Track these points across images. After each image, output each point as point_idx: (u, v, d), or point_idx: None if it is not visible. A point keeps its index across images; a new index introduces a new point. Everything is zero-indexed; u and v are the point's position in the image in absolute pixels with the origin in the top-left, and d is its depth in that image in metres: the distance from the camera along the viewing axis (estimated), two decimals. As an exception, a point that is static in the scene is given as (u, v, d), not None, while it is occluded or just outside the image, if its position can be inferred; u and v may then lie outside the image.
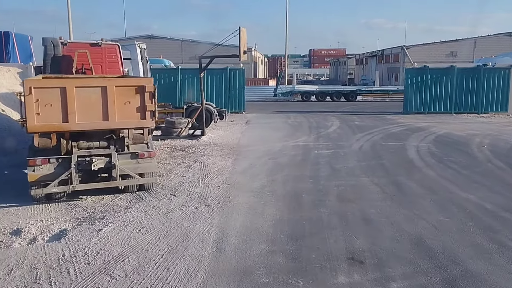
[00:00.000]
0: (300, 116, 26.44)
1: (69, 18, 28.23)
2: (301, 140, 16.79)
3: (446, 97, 26.69)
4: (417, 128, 20.39)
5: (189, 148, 15.13)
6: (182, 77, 27.35)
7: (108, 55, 13.99)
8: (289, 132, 19.13)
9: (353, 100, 40.58)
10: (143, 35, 56.42)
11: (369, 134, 18.21)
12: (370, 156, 13.59)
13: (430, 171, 11.58)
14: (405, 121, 23.04)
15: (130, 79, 9.43)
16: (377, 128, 20.26)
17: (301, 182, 10.36)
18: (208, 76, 27.17)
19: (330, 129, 19.92)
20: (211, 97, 27.15)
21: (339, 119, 24.24)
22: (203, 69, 17.62)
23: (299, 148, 15.02)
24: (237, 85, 27.42)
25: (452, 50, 54.58)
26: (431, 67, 27.05)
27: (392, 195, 9.29)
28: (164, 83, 27.29)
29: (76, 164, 8.69)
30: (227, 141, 16.61)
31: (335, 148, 15.05)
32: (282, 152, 14.25)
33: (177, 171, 11.57)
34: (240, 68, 27.57)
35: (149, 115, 9.01)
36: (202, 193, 9.42)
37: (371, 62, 71.02)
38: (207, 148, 15.04)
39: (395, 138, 17.33)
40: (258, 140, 16.88)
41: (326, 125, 21.42)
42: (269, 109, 31.36)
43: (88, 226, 7.47)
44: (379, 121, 23.49)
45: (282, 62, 65.82)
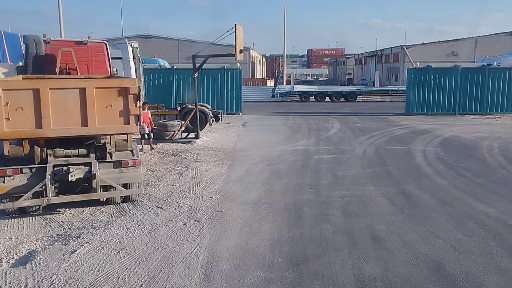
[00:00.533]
0: (299, 117, 25.56)
1: (60, 16, 27.29)
2: (300, 144, 15.91)
3: (450, 98, 25.84)
4: (421, 130, 19.52)
5: (182, 152, 14.24)
6: (177, 77, 26.45)
7: (95, 54, 13.11)
8: (288, 135, 18.25)
9: (353, 101, 39.72)
10: (139, 35, 55.50)
11: (372, 137, 17.33)
12: (375, 162, 12.72)
13: (440, 179, 10.70)
14: (408, 123, 22.18)
15: (112, 80, 8.55)
16: (379, 130, 19.39)
17: (302, 192, 9.48)
18: (204, 76, 26.30)
19: (331, 132, 19.04)
20: (207, 98, 26.29)
21: (339, 121, 23.37)
22: (197, 69, 16.72)
23: (299, 153, 14.13)
24: (234, 85, 26.54)
25: (453, 49, 53.77)
26: (434, 67, 26.21)
27: (402, 207, 8.41)
28: (158, 84, 26.42)
29: (51, 174, 7.81)
30: (223, 145, 15.73)
31: (337, 152, 14.16)
32: (281, 158, 13.36)
33: (167, 179, 10.68)
34: (237, 68, 26.69)
35: (133, 120, 8.12)
36: (193, 206, 8.53)
37: (370, 62, 70.18)
38: (200, 152, 14.15)
39: (399, 141, 16.47)
40: (255, 144, 15.99)
41: (326, 127, 20.55)
42: (267, 110, 30.47)
43: (60, 247, 6.57)
44: (381, 122, 22.62)
45: (280, 62, 64.95)
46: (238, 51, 15.63)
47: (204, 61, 16.53)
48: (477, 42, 53.86)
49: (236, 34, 15.41)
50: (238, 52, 15.67)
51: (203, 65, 16.74)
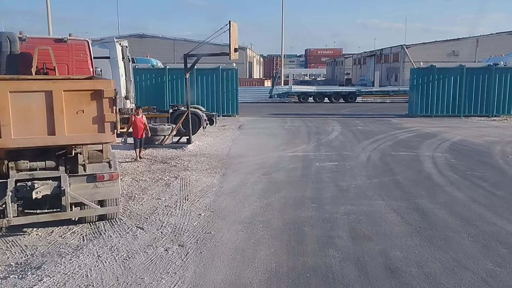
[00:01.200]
0: (297, 119, 24.51)
1: (48, 15, 26.18)
2: (300, 149, 14.85)
3: (455, 99, 24.81)
4: (427, 134, 18.48)
5: (172, 159, 13.16)
6: (170, 78, 25.37)
7: (76, 52, 12.04)
8: (286, 139, 17.18)
9: (353, 102, 38.71)
10: (134, 34, 54.38)
11: (375, 142, 16.28)
12: (381, 170, 11.66)
13: (456, 191, 9.64)
14: (412, 126, 21.14)
15: (83, 82, 7.45)
16: (383, 134, 18.34)
17: (302, 208, 8.41)
18: (198, 76, 25.24)
19: (332, 135, 17.98)
20: (201, 99, 25.22)
21: (340, 123, 22.32)
22: (189, 69, 15.65)
23: (298, 160, 13.07)
24: (229, 86, 25.47)
25: (454, 49, 52.78)
26: (438, 66, 25.20)
27: (417, 227, 7.35)
28: (151, 84, 25.33)
29: (13, 190, 6.73)
30: (216, 150, 14.65)
31: (339, 159, 13.10)
32: (279, 165, 12.29)
33: (152, 191, 9.60)
34: (233, 68, 25.62)
35: (109, 128, 7.03)
36: (178, 225, 7.45)
37: (369, 62, 69.17)
38: (192, 159, 13.07)
39: (405, 146, 15.41)
40: (251, 149, 14.92)
41: (326, 130, 19.48)
42: (264, 112, 29.41)
43: (15, 282, 5.49)
44: (384, 125, 21.58)
45: (278, 62, 63.92)
46: (232, 49, 14.57)
47: (196, 61, 15.47)
48: (478, 41, 52.90)
49: (231, 32, 14.35)
50: (233, 50, 14.61)
51: (196, 65, 15.70)
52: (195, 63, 15.57)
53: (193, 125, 17.98)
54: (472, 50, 52.29)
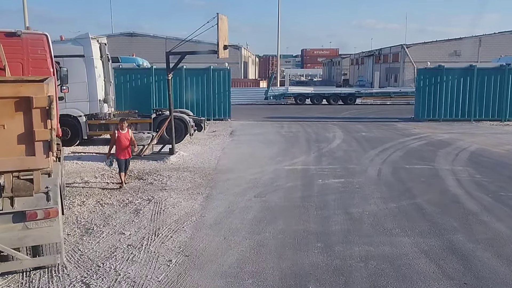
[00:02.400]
0: (295, 124, 22.59)
1: (24, 12, 24.14)
2: (298, 161, 12.93)
3: (464, 102, 22.96)
4: (440, 141, 16.61)
5: (149, 174, 11.23)
6: (157, 78, 23.36)
7: (32, 49, 10.06)
8: (283, 147, 15.26)
9: (352, 104, 36.83)
10: (124, 33, 52.29)
11: (383, 152, 14.39)
12: (397, 190, 9.76)
13: (495, 221, 7.74)
14: (420, 131, 19.26)
15: (2, 86, 5.49)
16: (390, 141, 16.44)
17: (305, 249, 6.48)
18: (187, 77, 23.33)
19: (334, 143, 16.07)
20: (191, 102, 23.27)
21: (341, 128, 20.42)
22: (171, 69, 13.71)
23: (297, 175, 11.15)
24: (221, 87, 23.52)
25: (456, 49, 50.99)
26: (448, 67, 23.34)
27: (462, 283, 5.45)
28: (136, 86, 23.34)
29: None
30: (202, 162, 12.71)
31: (345, 174, 11.19)
32: (274, 183, 10.36)
33: (116, 222, 7.67)
34: (225, 68, 23.67)
35: (41, 149, 5.12)
36: (137, 280, 5.52)
37: (367, 62, 67.33)
38: (173, 175, 11.13)
39: (418, 157, 13.53)
40: (243, 160, 12.99)
41: (327, 137, 17.57)
42: (259, 115, 27.48)
43: None
44: (389, 131, 19.70)
45: (274, 62, 62.04)
46: (221, 46, 12.65)
47: (181, 59, 13.53)
48: (481, 41, 51.14)
49: (219, 26, 12.43)
50: (222, 47, 12.69)
51: (185, 65, 13.75)
52: (179, 62, 13.64)
53: (179, 132, 16.07)
54: (474, 50, 50.55)
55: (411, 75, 51.61)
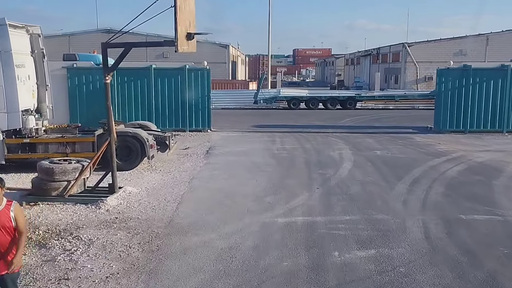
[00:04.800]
0: (289, 136, 18.41)
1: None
2: (298, 205, 8.71)
3: (495, 109, 18.89)
4: (483, 165, 12.53)
5: (61, 237, 6.98)
6: (121, 80, 19.06)
7: None
8: (274, 178, 11.03)
9: (352, 108, 32.79)
10: (101, 29, 47.82)
11: (416, 185, 10.23)
12: (471, 279, 5.59)
13: None
14: (449, 149, 15.16)
15: None
16: (418, 166, 12.30)
17: None
18: (157, 79, 19.09)
19: (343, 169, 11.88)
20: (161, 110, 19.07)
21: (347, 143, 16.27)
22: (110, 68, 9.45)
23: (298, 240, 6.94)
24: (199, 91, 19.23)
25: (461, 48, 47.10)
26: (476, 67, 19.22)
27: None
28: (95, 90, 19.00)
29: None
30: (154, 209, 8.46)
31: (375, 237, 7.00)
32: (261, 260, 6.13)
33: None
34: (204, 68, 19.38)
35: None
36: None
37: (364, 62, 63.36)
38: (98, 238, 6.89)
39: (470, 196, 9.38)
40: (216, 205, 8.75)
41: (332, 159, 13.41)
42: (247, 122, 23.29)
43: None
44: (409, 147, 15.58)
45: (265, 61, 57.78)
46: (181, 34, 8.41)
47: (123, 55, 9.26)
48: (488, 39, 47.29)
49: (178, 5, 8.20)
50: (182, 36, 8.45)
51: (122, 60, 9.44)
52: (123, 58, 9.33)
53: (133, 154, 11.84)
54: (481, 49, 46.73)
55: (413, 76, 47.76)
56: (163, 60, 44.62)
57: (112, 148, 9.26)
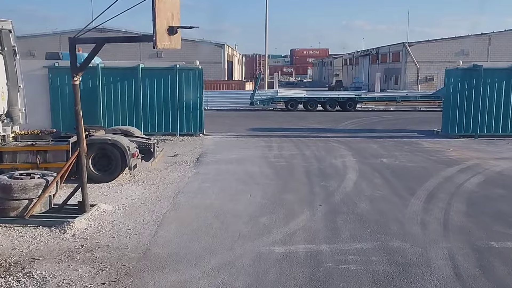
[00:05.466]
0: (287, 141, 17.14)
1: None
2: (298, 228, 7.43)
3: (507, 112, 17.68)
4: (503, 176, 11.30)
5: (11, 272, 5.71)
6: (106, 81, 17.77)
7: None
8: (271, 192, 9.74)
9: (352, 110, 31.57)
10: (92, 28, 46.31)
11: (432, 201, 8.97)
12: None
13: None
14: (461, 156, 13.93)
15: None
16: (430, 176, 11.05)
17: None
18: (145, 79, 17.79)
19: (348, 181, 10.61)
20: (150, 113, 17.78)
21: (350, 150, 15.03)
22: (80, 67, 8.13)
23: (299, 275, 5.66)
24: (191, 93, 17.92)
25: (463, 48, 45.92)
26: (486, 67, 17.99)
27: None
28: (78, 90, 17.61)
29: None
30: (129, 233, 7.16)
31: (393, 271, 5.73)
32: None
33: None
34: (195, 68, 18.07)
35: None
36: None
37: (362, 62, 62.17)
38: (53, 276, 5.62)
39: (497, 216, 8.13)
40: (202, 228, 7.46)
41: (335, 167, 12.15)
42: (242, 125, 22.07)
43: None
44: (417, 154, 14.33)
45: (261, 61, 56.47)
46: (162, 29, 7.13)
47: (94, 53, 7.97)
48: (490, 39, 46.14)
49: None
50: (163, 30, 7.17)
51: (95, 55, 8.15)
52: (93, 56, 8.02)
53: (112, 164, 10.54)
54: (483, 49, 45.58)
55: (414, 77, 46.59)
56: (157, 60, 43.33)
57: (81, 160, 7.96)
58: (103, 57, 29.56)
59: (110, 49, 38.91)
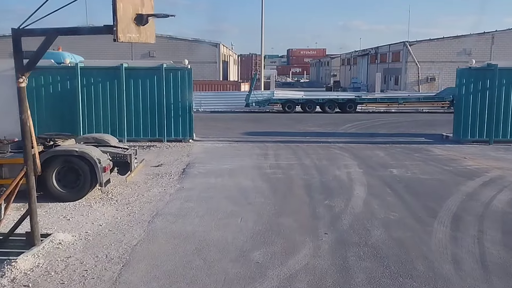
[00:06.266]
0: (284, 147, 15.65)
1: None
2: (299, 268, 5.89)
3: (524, 115, 16.23)
4: (533, 191, 9.80)
5: None
6: (86, 82, 16.20)
7: None
8: (265, 215, 8.20)
9: (352, 112, 30.16)
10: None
11: (458, 226, 7.46)
12: None
13: None
14: (480, 165, 12.45)
15: None
16: (450, 193, 9.55)
17: None
18: (128, 80, 16.26)
19: (356, 202, 9.09)
20: (135, 117, 16.26)
21: (354, 158, 13.54)
22: (27, 67, 6.53)
23: None
24: (179, 95, 16.38)
25: (465, 47, 44.50)
26: (502, 66, 16.47)
27: None
28: (55, 93, 16.17)
29: None
30: (82, 281, 5.61)
31: None
32: None
33: None
34: (184, 68, 16.53)
35: None
36: None
37: (361, 62, 60.73)
38: None
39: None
40: (179, 268, 5.89)
41: (340, 183, 10.62)
42: (236, 129, 20.60)
43: None
44: (430, 164, 12.83)
45: (257, 61, 54.95)
46: (127, 18, 5.60)
47: (45, 47, 6.36)
48: (493, 38, 44.73)
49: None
50: (130, 20, 5.63)
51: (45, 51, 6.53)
52: (42, 52, 6.42)
53: (80, 180, 9.00)
54: (486, 48, 44.20)
55: (415, 77, 45.15)
56: (149, 59, 41.68)
57: (29, 181, 6.41)
58: (89, 56, 28.11)
59: (97, 48, 37.58)
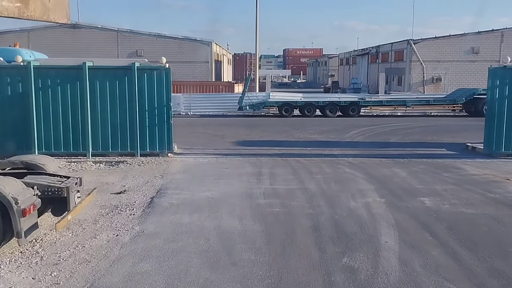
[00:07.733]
0: (282, 162, 12.89)
1: None
2: None
3: None
4: None
5: None
6: (42, 86, 13.34)
7: None
8: (254, 284, 5.43)
9: (355, 116, 27.47)
10: (64, 24, 41.82)
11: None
12: None
13: None
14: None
15: None
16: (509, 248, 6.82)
17: None
18: (93, 82, 13.45)
19: (389, 260, 6.32)
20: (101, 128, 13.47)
21: (371, 180, 10.76)
22: None
23: None
24: (155, 99, 13.55)
25: (473, 45, 41.83)
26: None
27: None
28: (3, 98, 13.29)
29: None
30: None
31: None
32: None
33: None
34: (161, 67, 13.66)
35: None
36: None
37: (361, 61, 58.02)
38: None
39: None
40: None
41: (359, 223, 7.84)
42: (226, 137, 17.87)
43: None
44: (469, 188, 10.07)
45: (252, 60, 52.10)
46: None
47: None
48: (503, 36, 42.05)
49: None
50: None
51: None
52: None
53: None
54: (495, 47, 41.52)
55: (419, 77, 42.44)
56: (137, 58, 38.95)
57: None
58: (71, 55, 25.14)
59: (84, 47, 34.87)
